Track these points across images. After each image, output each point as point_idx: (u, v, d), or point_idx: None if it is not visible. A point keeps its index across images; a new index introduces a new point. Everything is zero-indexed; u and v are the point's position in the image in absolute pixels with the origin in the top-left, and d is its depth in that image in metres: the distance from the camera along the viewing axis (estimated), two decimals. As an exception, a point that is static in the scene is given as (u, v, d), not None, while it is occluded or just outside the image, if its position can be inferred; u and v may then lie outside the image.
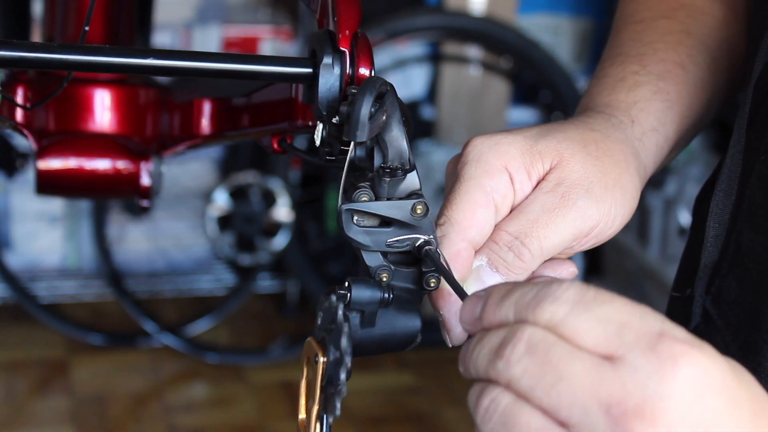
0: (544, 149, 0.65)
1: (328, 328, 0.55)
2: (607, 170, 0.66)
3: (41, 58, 0.55)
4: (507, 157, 0.64)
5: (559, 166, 0.65)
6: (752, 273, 0.66)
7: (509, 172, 0.64)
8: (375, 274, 0.58)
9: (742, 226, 0.68)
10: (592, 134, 0.68)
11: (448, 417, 2.61)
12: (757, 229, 0.66)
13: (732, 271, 0.69)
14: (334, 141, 0.58)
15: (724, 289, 0.69)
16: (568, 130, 0.67)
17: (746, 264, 0.67)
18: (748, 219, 0.68)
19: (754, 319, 0.66)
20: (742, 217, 0.68)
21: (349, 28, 0.60)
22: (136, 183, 0.88)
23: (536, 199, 0.64)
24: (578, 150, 0.66)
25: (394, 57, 2.91)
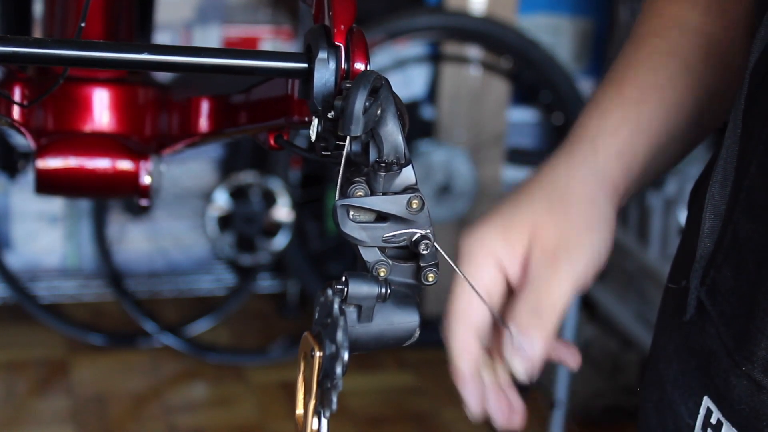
0: (517, 229, 0.73)
1: (324, 323, 0.55)
2: (577, 220, 0.74)
3: (35, 53, 0.55)
4: (490, 246, 0.72)
5: (536, 238, 0.73)
6: (748, 264, 0.67)
7: (496, 258, 0.72)
8: (372, 269, 0.58)
9: (739, 216, 0.68)
10: (556, 190, 0.75)
11: (448, 417, 2.61)
12: (755, 219, 0.67)
13: (727, 261, 0.69)
14: (330, 136, 0.58)
15: (719, 280, 0.70)
16: (534, 198, 0.75)
17: (743, 254, 0.68)
18: (746, 209, 0.68)
19: (749, 309, 0.67)
20: (739, 207, 0.69)
21: (344, 23, 0.60)
22: (135, 182, 0.88)
23: (531, 275, 0.72)
24: (547, 216, 0.73)
25: (394, 57, 2.91)
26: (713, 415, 0.72)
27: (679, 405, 0.75)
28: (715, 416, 0.71)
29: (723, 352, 0.70)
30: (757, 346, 0.67)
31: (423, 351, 2.90)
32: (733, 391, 0.69)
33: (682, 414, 0.75)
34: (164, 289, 3.08)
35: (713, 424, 0.72)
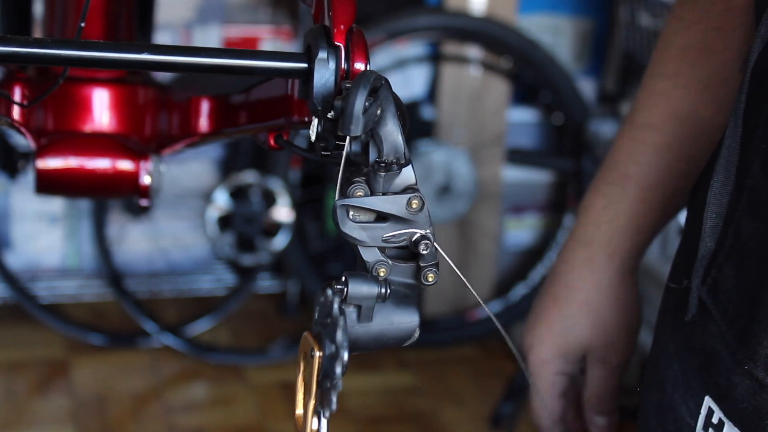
0: (573, 349, 0.93)
1: (324, 323, 0.55)
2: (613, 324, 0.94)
3: (35, 53, 0.55)
4: (555, 366, 0.93)
5: (588, 350, 0.94)
6: (751, 263, 0.68)
7: (562, 375, 0.94)
8: (372, 269, 0.58)
9: (742, 215, 0.69)
10: (590, 304, 0.93)
11: (448, 417, 2.61)
12: (758, 218, 0.68)
13: (729, 260, 0.70)
14: (330, 136, 0.58)
15: (721, 279, 0.71)
16: (576, 317, 0.93)
17: (745, 254, 0.69)
18: (748, 208, 0.69)
19: (752, 307, 0.68)
20: (741, 206, 0.69)
21: (344, 23, 0.60)
22: (135, 182, 0.88)
23: (589, 376, 0.94)
24: (590, 330, 0.93)
25: (394, 57, 2.91)
26: (714, 415, 0.72)
27: (679, 405, 0.76)
28: (717, 416, 0.72)
29: (725, 351, 0.70)
30: (760, 345, 0.67)
31: (423, 351, 2.91)
32: (735, 390, 0.70)
33: (682, 414, 0.76)
34: (164, 289, 3.08)
35: (714, 423, 0.72)
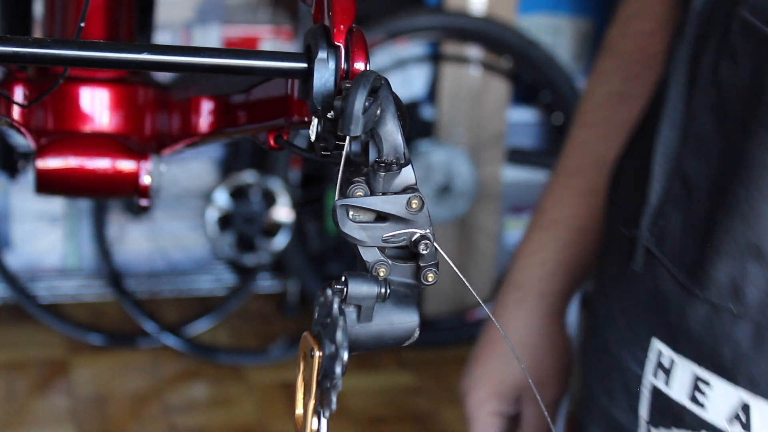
0: (508, 390, 0.97)
1: (323, 323, 0.55)
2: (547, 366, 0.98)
3: (35, 53, 0.55)
4: (491, 407, 0.99)
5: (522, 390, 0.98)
6: (698, 202, 0.72)
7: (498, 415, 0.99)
8: (372, 269, 0.58)
9: (689, 162, 0.73)
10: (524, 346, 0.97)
11: (448, 417, 2.61)
12: (705, 160, 0.71)
13: (676, 208, 0.74)
14: (330, 136, 0.58)
15: (668, 228, 0.74)
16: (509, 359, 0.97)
17: (692, 195, 0.73)
18: (696, 152, 0.72)
19: (702, 240, 0.71)
20: (688, 152, 0.73)
21: (344, 22, 0.60)
22: (135, 182, 0.88)
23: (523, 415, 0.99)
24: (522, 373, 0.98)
25: (394, 57, 2.91)
26: (664, 357, 0.74)
27: (626, 360, 0.78)
28: (667, 356, 0.74)
29: (676, 288, 0.72)
30: (714, 269, 0.69)
31: (423, 351, 2.90)
32: (689, 323, 0.71)
33: (629, 367, 0.77)
34: (164, 289, 3.08)
35: (665, 365, 0.74)
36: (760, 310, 0.69)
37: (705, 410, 0.73)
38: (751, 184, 0.68)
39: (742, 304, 0.69)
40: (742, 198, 0.69)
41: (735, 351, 0.70)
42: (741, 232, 0.69)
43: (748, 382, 0.70)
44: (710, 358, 0.72)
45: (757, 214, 0.68)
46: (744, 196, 0.69)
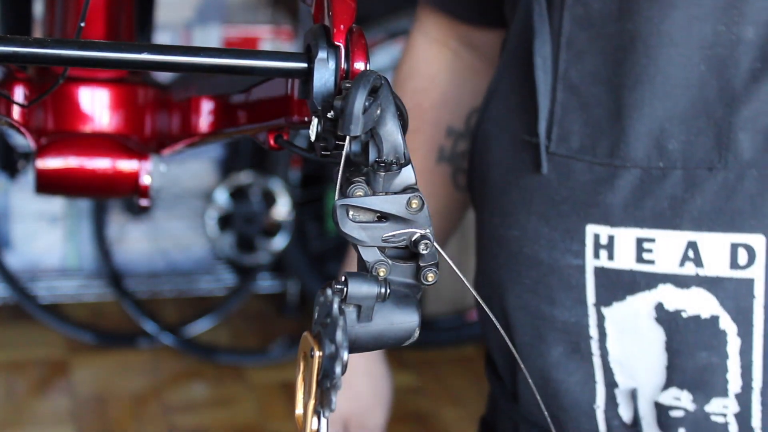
0: (332, 418, 0.95)
1: (323, 323, 0.55)
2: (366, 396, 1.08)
3: (35, 53, 0.55)
4: None
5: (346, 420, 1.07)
6: (595, 100, 0.80)
7: None
8: (372, 268, 0.58)
9: (567, 67, 0.82)
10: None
11: (448, 417, 2.61)
12: (587, 61, 0.81)
13: (571, 111, 0.82)
14: (330, 136, 0.58)
15: (569, 129, 0.82)
16: None
17: (585, 96, 0.81)
18: (573, 60, 0.81)
19: (616, 130, 0.79)
20: (563, 63, 0.82)
21: (344, 22, 0.60)
22: (135, 182, 0.88)
23: None
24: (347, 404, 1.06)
25: (394, 57, 2.91)
26: (602, 236, 0.80)
27: (560, 259, 0.83)
28: (605, 234, 0.80)
29: (598, 172, 0.80)
30: (636, 138, 0.78)
31: (423, 351, 2.90)
32: (621, 194, 0.79)
33: (566, 262, 0.82)
34: (164, 289, 3.08)
35: (603, 244, 0.81)
36: (683, 158, 0.78)
37: (655, 265, 0.79)
38: (651, 52, 0.78)
39: (668, 158, 0.78)
40: (647, 67, 0.78)
41: (672, 200, 0.78)
42: (652, 98, 0.78)
43: (690, 223, 0.78)
44: (650, 217, 0.79)
45: (664, 76, 0.78)
46: (647, 64, 0.78)
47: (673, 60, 0.78)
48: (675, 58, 0.78)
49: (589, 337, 0.83)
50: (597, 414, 0.85)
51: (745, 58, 0.76)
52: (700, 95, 0.78)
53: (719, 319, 0.78)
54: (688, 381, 0.80)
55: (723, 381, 0.79)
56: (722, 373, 0.79)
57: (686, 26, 0.77)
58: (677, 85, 0.78)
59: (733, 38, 0.76)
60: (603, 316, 0.82)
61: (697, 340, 0.79)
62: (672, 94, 0.78)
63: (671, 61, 0.78)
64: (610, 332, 0.82)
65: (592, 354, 0.83)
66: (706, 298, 0.78)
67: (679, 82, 0.78)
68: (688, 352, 0.79)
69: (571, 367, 0.84)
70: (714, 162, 0.77)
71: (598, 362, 0.83)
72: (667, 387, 0.81)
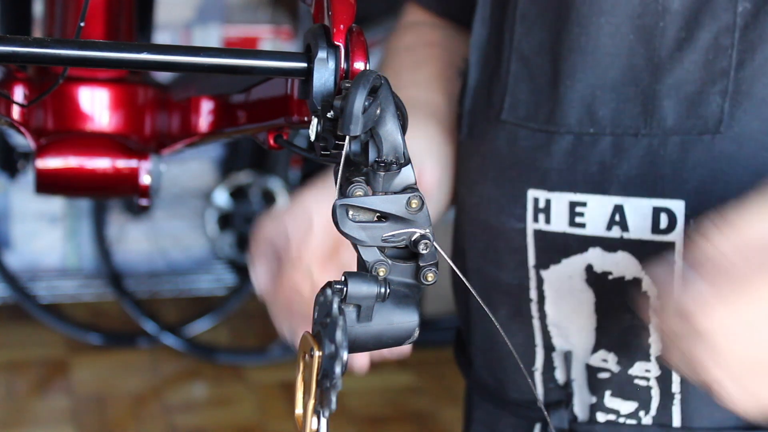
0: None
1: (323, 323, 0.55)
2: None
3: (34, 53, 0.55)
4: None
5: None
6: (539, 69, 0.84)
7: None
8: (372, 268, 0.58)
9: (520, 41, 0.86)
10: None
11: (448, 417, 2.61)
12: (535, 35, 0.85)
13: (521, 80, 0.86)
14: (329, 136, 0.58)
15: (518, 97, 0.85)
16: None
17: (532, 65, 0.85)
18: (525, 32, 0.86)
19: (552, 97, 0.83)
20: (517, 35, 0.86)
21: (344, 22, 0.60)
22: (135, 182, 0.88)
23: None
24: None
25: (393, 57, 2.91)
26: (540, 200, 0.83)
27: (505, 222, 0.85)
28: (543, 198, 0.83)
29: (538, 138, 0.84)
30: (569, 105, 0.81)
31: (423, 351, 2.90)
32: (556, 159, 0.82)
33: (511, 226, 0.85)
34: (164, 289, 3.08)
35: (541, 207, 0.83)
36: (612, 124, 0.81)
37: (585, 228, 0.82)
38: (583, 20, 0.81)
39: (598, 124, 0.81)
40: (579, 35, 0.82)
41: (601, 165, 0.81)
42: (585, 66, 0.81)
43: (617, 188, 0.80)
44: (582, 181, 0.82)
45: (594, 45, 0.81)
46: (579, 33, 0.81)
47: (604, 29, 0.81)
48: (605, 28, 0.81)
49: (529, 300, 0.85)
50: (536, 376, 0.87)
51: (671, 28, 0.79)
52: (629, 63, 0.80)
53: (642, 282, 0.80)
54: (613, 343, 0.83)
55: (645, 345, 0.81)
56: (645, 337, 0.81)
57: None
58: (608, 54, 0.81)
59: (660, 8, 0.79)
60: (542, 278, 0.84)
61: (622, 302, 0.81)
62: (603, 62, 0.81)
63: (602, 30, 0.81)
64: (548, 295, 0.84)
65: (532, 317, 0.86)
66: (630, 261, 0.81)
67: (610, 50, 0.81)
68: (614, 314, 0.82)
69: (513, 329, 0.87)
70: (639, 128, 0.80)
71: (537, 325, 0.86)
72: (596, 349, 0.83)
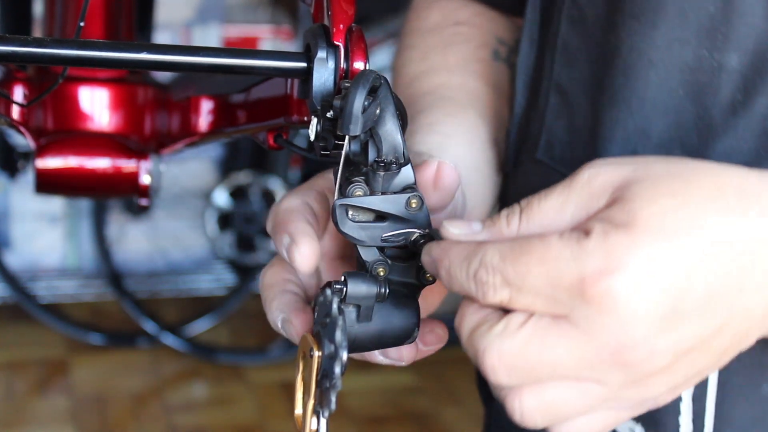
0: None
1: (323, 323, 0.55)
2: None
3: (33, 52, 0.55)
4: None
5: None
6: (578, 109, 0.77)
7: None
8: (371, 268, 0.58)
9: (561, 72, 0.78)
10: None
11: (448, 417, 2.61)
12: (576, 69, 0.77)
13: (559, 117, 0.78)
14: (329, 135, 0.58)
15: (555, 135, 0.79)
16: None
17: (571, 103, 0.77)
18: (566, 63, 0.78)
19: (590, 146, 0.75)
20: (557, 65, 0.78)
21: (344, 22, 0.60)
22: (135, 182, 0.88)
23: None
24: None
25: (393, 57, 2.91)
26: None
27: None
28: None
29: None
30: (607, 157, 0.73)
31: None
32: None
33: None
34: (164, 289, 3.08)
35: None
36: None
37: None
38: (629, 71, 0.73)
39: None
40: (624, 86, 0.73)
41: None
42: (628, 119, 0.73)
43: None
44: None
45: (639, 97, 0.73)
46: (623, 84, 0.73)
47: (651, 82, 0.73)
48: (653, 80, 0.73)
49: None
50: None
51: (726, 87, 0.71)
52: (676, 122, 0.73)
53: None
54: (644, 415, 0.77)
55: (675, 423, 0.76)
56: (675, 415, 0.76)
57: (667, 47, 0.72)
58: (653, 109, 0.73)
59: (715, 64, 0.71)
60: None
61: None
62: (647, 117, 0.74)
63: (649, 82, 0.73)
64: None
65: None
66: None
67: (656, 105, 0.73)
68: None
69: None
70: None
71: None
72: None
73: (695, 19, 0.71)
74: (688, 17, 0.71)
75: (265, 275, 0.69)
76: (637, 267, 0.51)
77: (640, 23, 0.73)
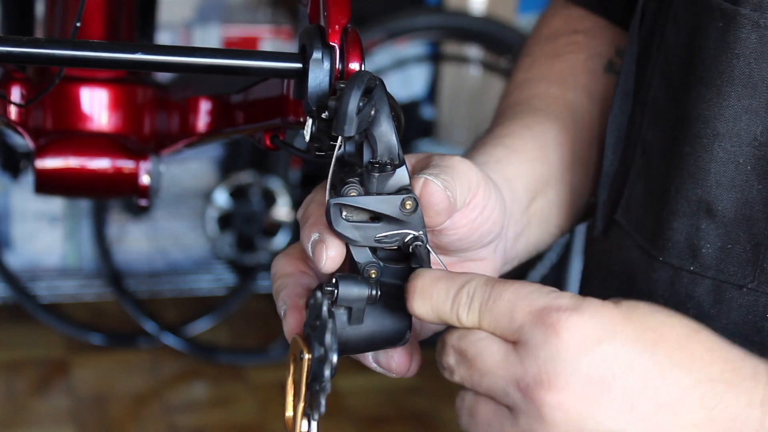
0: None
1: (313, 325, 0.55)
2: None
3: (29, 53, 0.55)
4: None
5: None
6: (655, 171, 0.73)
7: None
8: (363, 270, 0.57)
9: (647, 130, 0.74)
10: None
11: (448, 417, 2.61)
12: (660, 126, 0.73)
13: (640, 176, 0.74)
14: (324, 136, 0.58)
15: (632, 197, 0.75)
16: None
17: (651, 164, 0.73)
18: (651, 120, 0.73)
19: (661, 205, 0.72)
20: (646, 122, 0.74)
21: (339, 22, 0.60)
22: (134, 182, 0.88)
23: None
24: None
25: (394, 57, 2.91)
26: None
27: None
28: None
29: (642, 256, 0.73)
30: (671, 230, 0.71)
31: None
32: (655, 288, 0.73)
33: None
34: (164, 289, 3.08)
35: None
36: (717, 266, 0.69)
37: None
38: (695, 141, 0.68)
39: (699, 262, 0.69)
40: (689, 156, 0.69)
41: (698, 310, 0.70)
42: (691, 191, 0.69)
43: None
44: None
45: (704, 170, 0.68)
46: (689, 153, 0.69)
47: (717, 155, 0.67)
48: (719, 153, 0.67)
49: None
50: None
51: None
52: (742, 199, 0.67)
53: None
54: None
55: None
56: None
57: (735, 119, 0.66)
58: (718, 183, 0.68)
59: None
60: None
61: None
62: (711, 191, 0.68)
63: (714, 155, 0.67)
64: None
65: None
66: None
67: (721, 180, 0.68)
68: None
69: None
70: (746, 280, 0.67)
71: None
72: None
73: (765, 89, 0.65)
74: (757, 86, 0.66)
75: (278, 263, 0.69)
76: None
77: (708, 89, 0.67)
